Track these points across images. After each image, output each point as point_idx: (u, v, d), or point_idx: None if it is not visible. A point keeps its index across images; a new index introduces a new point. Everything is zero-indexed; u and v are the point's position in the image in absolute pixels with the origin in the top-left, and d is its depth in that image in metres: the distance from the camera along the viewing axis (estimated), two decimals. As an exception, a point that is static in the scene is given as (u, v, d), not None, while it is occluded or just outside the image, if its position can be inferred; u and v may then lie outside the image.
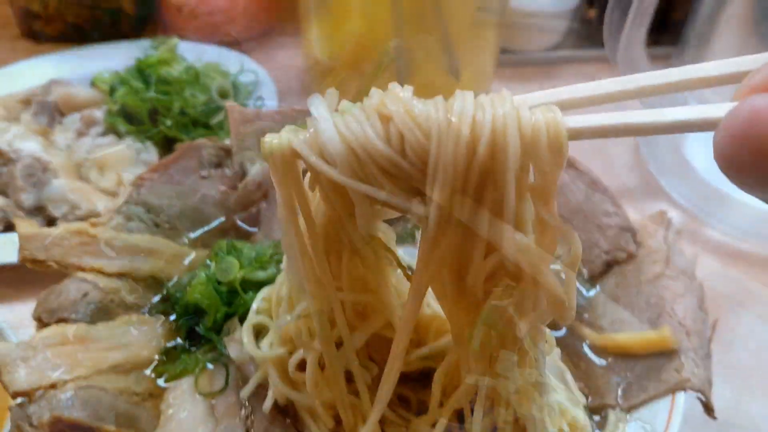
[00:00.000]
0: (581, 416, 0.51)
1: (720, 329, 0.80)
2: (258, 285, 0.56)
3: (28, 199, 0.81)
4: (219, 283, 0.56)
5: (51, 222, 0.83)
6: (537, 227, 0.39)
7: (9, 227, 0.82)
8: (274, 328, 0.52)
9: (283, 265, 0.52)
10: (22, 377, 0.49)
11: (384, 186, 0.36)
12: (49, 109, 0.94)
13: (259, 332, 0.54)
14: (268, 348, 0.51)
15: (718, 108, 0.32)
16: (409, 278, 0.42)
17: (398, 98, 0.36)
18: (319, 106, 0.37)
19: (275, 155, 0.37)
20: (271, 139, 0.37)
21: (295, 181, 0.39)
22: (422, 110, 0.35)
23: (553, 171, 0.36)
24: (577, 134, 0.35)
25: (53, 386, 0.50)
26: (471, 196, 0.36)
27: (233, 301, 0.56)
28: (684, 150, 0.95)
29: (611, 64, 0.87)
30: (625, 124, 0.35)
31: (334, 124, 0.36)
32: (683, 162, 0.94)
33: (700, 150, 0.94)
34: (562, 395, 0.50)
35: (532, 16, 1.09)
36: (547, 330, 0.59)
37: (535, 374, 0.42)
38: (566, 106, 0.37)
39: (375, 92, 0.37)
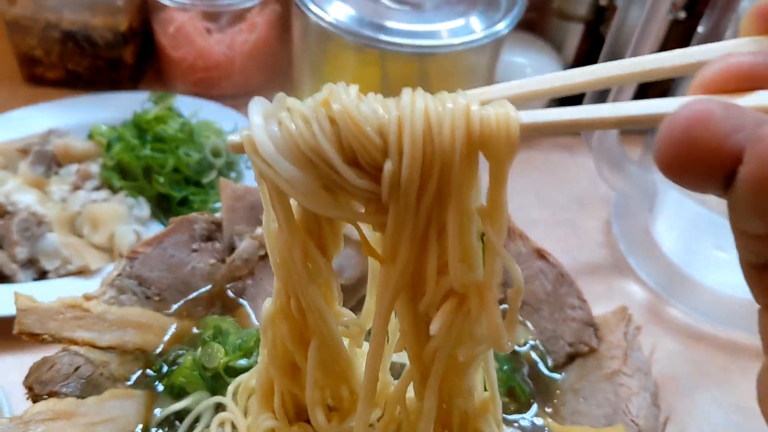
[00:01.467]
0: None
1: (677, 411, 0.85)
2: (241, 371, 0.59)
3: (21, 252, 0.85)
4: (204, 368, 0.59)
5: (43, 275, 0.86)
6: (485, 254, 0.39)
7: (1, 279, 0.85)
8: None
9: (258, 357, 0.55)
10: (15, 454, 0.52)
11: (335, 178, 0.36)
12: (46, 159, 0.98)
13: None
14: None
15: (667, 104, 0.33)
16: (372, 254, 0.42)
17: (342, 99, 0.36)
18: (254, 112, 0.36)
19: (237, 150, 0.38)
20: (232, 140, 0.38)
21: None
22: (367, 110, 0.35)
23: (503, 166, 0.36)
24: (529, 129, 0.35)
25: None
26: (422, 197, 0.36)
27: (217, 385, 0.59)
28: (652, 230, 1.00)
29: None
30: (577, 119, 0.36)
31: (266, 129, 0.36)
32: (651, 242, 0.99)
33: (667, 231, 0.99)
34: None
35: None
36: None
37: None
38: (519, 101, 0.37)
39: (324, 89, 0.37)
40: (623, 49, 0.84)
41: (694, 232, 0.95)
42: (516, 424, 0.64)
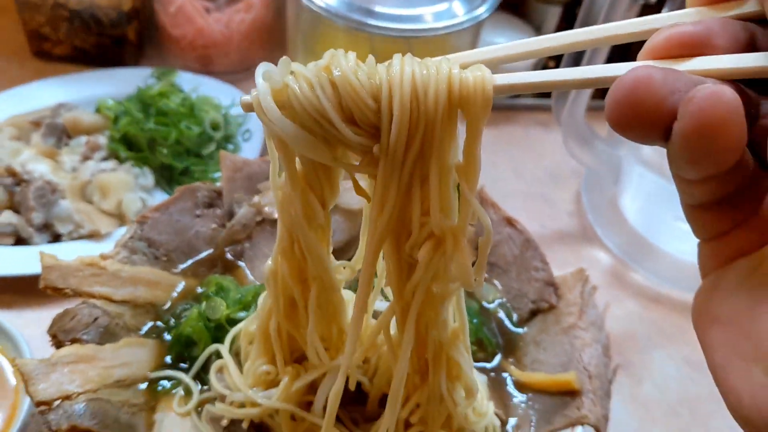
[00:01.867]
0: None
1: (634, 365, 0.94)
2: (240, 322, 0.67)
3: (37, 217, 0.92)
4: (208, 320, 0.67)
5: (56, 238, 0.94)
6: (460, 204, 0.45)
7: (19, 241, 0.93)
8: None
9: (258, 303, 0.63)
10: (44, 389, 0.60)
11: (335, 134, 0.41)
12: (57, 131, 1.05)
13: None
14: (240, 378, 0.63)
15: (618, 68, 0.36)
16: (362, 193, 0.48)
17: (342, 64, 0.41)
18: (260, 75, 0.41)
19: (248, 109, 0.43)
20: (245, 99, 0.43)
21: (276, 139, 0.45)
22: (364, 77, 0.40)
23: (478, 123, 0.41)
24: (502, 90, 0.40)
25: (68, 398, 0.61)
26: (408, 153, 0.41)
27: (219, 334, 0.67)
28: (618, 202, 1.08)
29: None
30: (544, 81, 0.40)
31: (274, 92, 0.41)
32: (617, 213, 1.07)
33: (631, 203, 1.07)
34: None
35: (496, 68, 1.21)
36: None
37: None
38: (495, 64, 0.42)
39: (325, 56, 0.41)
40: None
41: (656, 203, 1.03)
42: (482, 371, 0.73)
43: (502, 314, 0.77)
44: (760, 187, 0.35)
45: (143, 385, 0.67)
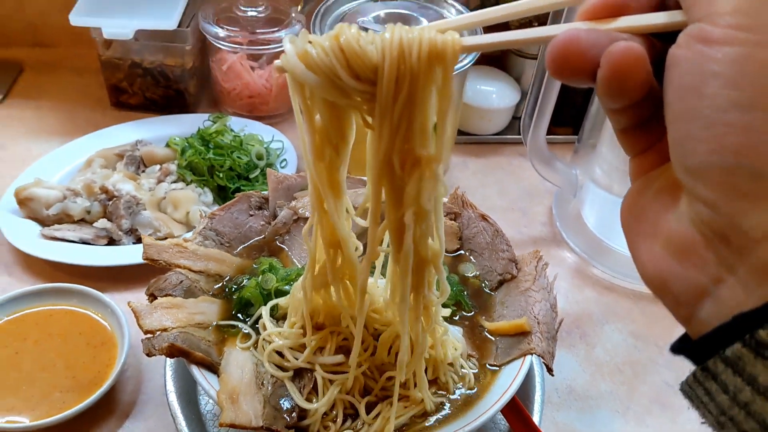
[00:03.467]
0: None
1: (589, 335, 1.18)
2: (285, 293, 0.91)
3: (125, 223, 1.20)
4: (263, 289, 0.93)
5: (139, 240, 1.21)
6: (436, 137, 0.55)
7: (110, 242, 1.21)
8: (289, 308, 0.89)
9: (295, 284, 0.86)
10: (150, 323, 0.86)
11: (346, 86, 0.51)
12: (136, 162, 1.34)
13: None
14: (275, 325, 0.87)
15: (557, 29, 0.43)
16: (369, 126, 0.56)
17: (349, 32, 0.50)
18: (287, 44, 0.52)
19: (281, 71, 0.54)
20: (277, 63, 0.53)
21: (299, 92, 0.56)
22: (364, 43, 0.50)
23: (449, 72, 0.51)
24: (470, 48, 0.50)
25: (165, 330, 0.86)
26: (399, 95, 0.51)
27: (269, 299, 0.91)
28: (581, 213, 1.34)
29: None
30: (501, 41, 0.49)
31: (297, 54, 0.51)
32: (580, 221, 1.33)
33: (591, 213, 1.33)
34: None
35: (485, 110, 1.49)
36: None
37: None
38: (464, 29, 0.51)
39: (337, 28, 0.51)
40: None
41: (608, 213, 1.29)
42: (461, 323, 0.97)
43: (477, 283, 1.03)
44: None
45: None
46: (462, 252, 1.06)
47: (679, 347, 0.42)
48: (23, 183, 1.23)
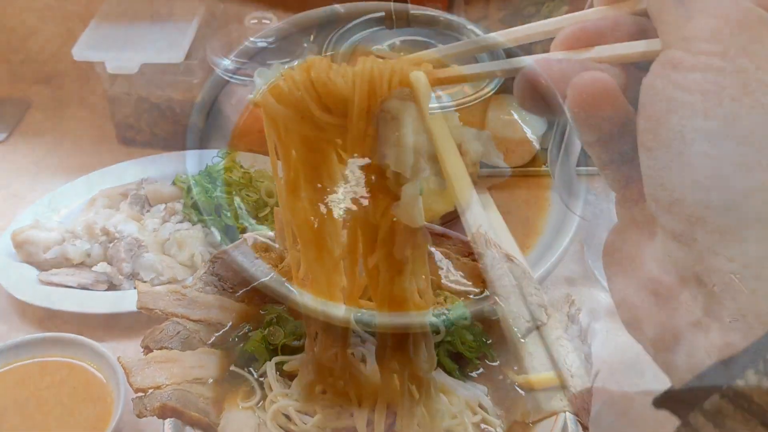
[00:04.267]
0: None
1: (628, 388, 1.08)
2: (293, 349, 0.84)
3: (127, 267, 1.13)
4: (268, 343, 0.85)
5: (141, 284, 1.14)
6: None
7: (111, 287, 1.14)
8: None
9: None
10: (141, 380, 0.79)
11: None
12: (141, 201, 1.27)
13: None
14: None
15: (528, 59, 0.43)
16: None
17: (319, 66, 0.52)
18: (257, 79, 0.54)
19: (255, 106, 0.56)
20: (250, 98, 0.56)
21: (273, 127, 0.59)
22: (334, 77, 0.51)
23: (423, 104, 0.50)
24: (440, 81, 0.50)
25: (158, 387, 0.79)
26: (369, 128, 0.51)
27: (275, 355, 0.84)
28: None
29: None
30: (473, 73, 0.49)
31: (269, 88, 0.53)
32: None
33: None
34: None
35: (509, 141, 1.41)
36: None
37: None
38: (448, 60, 0.51)
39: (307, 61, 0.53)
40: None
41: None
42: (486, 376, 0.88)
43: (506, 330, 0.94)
44: None
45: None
46: (487, 293, 0.98)
47: (663, 399, 0.39)
48: (22, 224, 1.19)
